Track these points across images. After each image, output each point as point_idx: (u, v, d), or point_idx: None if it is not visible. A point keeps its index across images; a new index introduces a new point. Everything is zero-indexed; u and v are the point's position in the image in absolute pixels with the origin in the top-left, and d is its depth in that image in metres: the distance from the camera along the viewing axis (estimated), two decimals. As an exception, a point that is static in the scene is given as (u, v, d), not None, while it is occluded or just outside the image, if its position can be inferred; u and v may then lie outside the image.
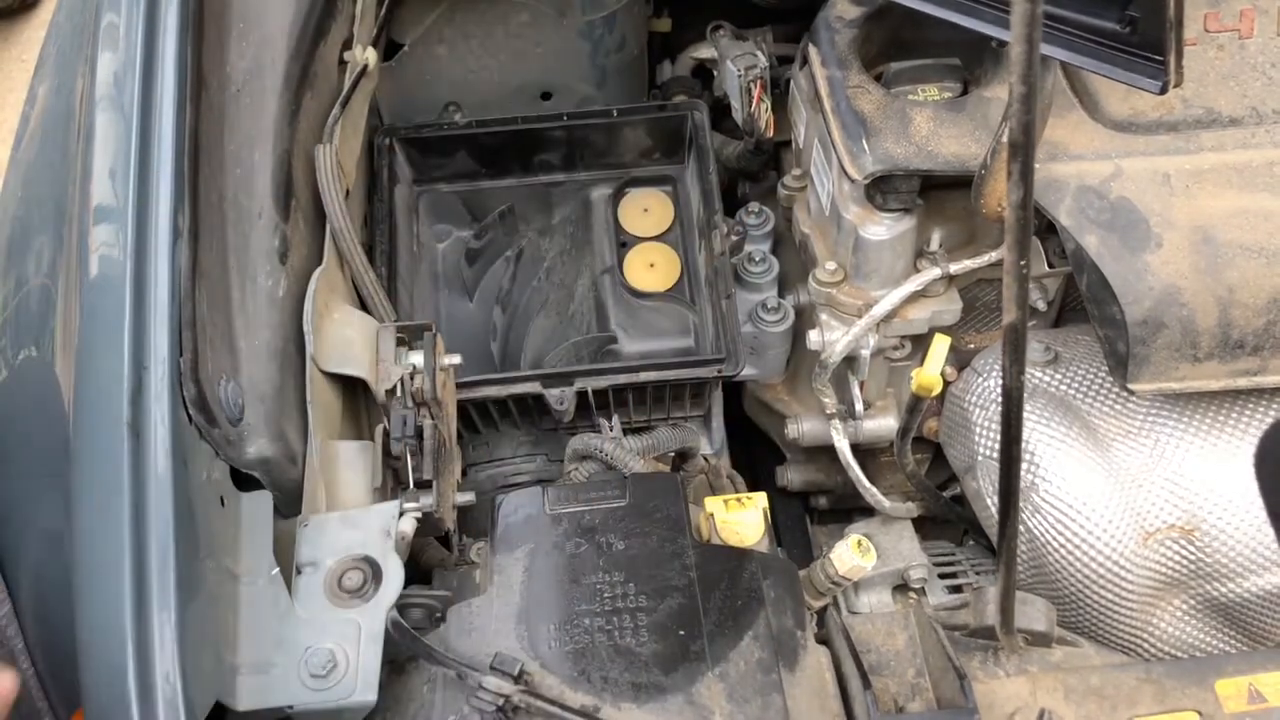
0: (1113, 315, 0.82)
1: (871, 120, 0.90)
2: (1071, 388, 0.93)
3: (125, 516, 0.61)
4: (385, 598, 0.69)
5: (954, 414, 1.00)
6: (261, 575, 0.68)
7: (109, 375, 0.64)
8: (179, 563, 0.60)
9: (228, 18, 0.83)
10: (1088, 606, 0.90)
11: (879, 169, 0.88)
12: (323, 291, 0.85)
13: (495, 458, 1.06)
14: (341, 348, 0.84)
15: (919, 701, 0.77)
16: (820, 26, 0.98)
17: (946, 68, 0.96)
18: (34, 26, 2.73)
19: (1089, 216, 0.83)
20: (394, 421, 0.79)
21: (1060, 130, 0.87)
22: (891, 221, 0.94)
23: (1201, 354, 0.82)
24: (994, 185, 0.83)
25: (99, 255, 0.69)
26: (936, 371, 0.80)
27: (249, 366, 0.75)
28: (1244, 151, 0.86)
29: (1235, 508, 0.86)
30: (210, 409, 0.68)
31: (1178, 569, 0.88)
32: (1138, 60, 0.73)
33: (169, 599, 0.59)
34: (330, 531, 0.73)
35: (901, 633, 0.80)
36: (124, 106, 0.73)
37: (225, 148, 0.79)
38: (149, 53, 0.74)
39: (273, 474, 0.73)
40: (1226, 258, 0.81)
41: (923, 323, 0.97)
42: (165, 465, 0.62)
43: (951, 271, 0.95)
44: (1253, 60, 0.88)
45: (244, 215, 0.80)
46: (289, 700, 0.65)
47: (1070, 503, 0.87)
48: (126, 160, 0.71)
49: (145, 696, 0.57)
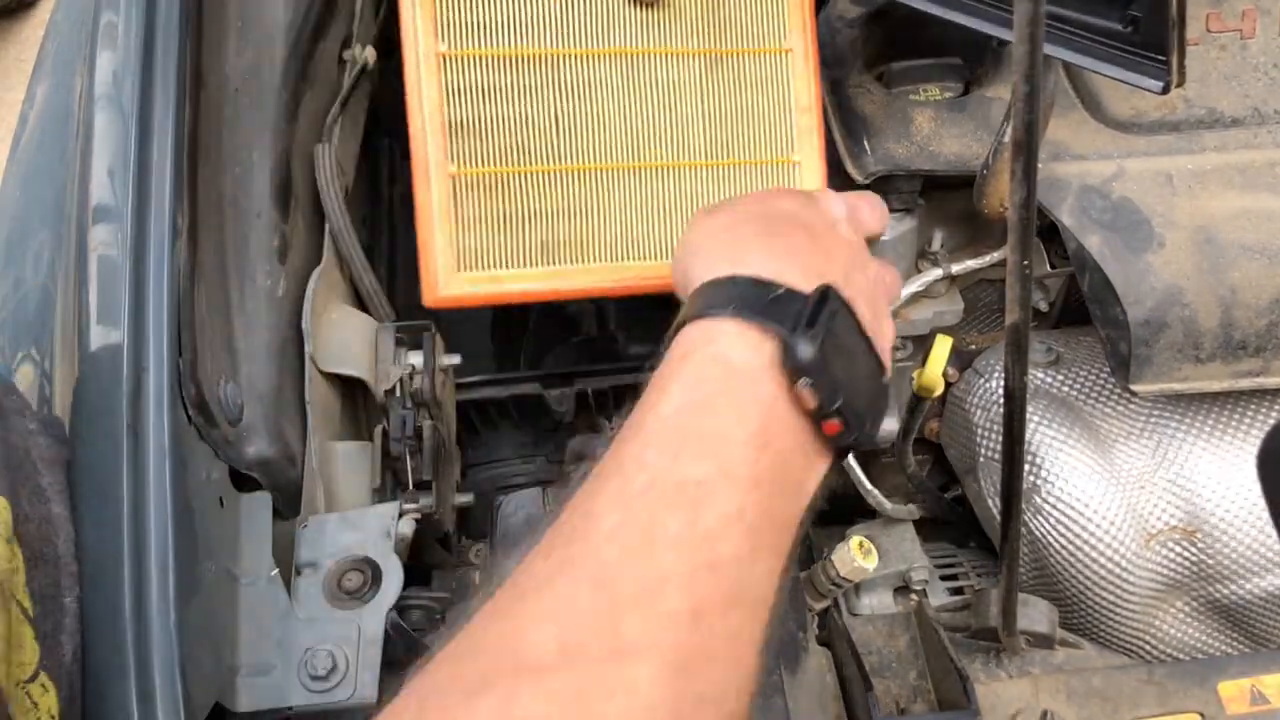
0: (1115, 316, 0.82)
1: (873, 120, 0.90)
2: (1073, 388, 0.93)
3: (124, 517, 0.60)
4: (385, 599, 0.69)
5: (955, 415, 1.00)
6: (261, 576, 0.68)
7: (108, 376, 0.64)
8: (178, 564, 0.60)
9: (226, 17, 0.83)
10: (1089, 608, 0.89)
11: (881, 169, 0.87)
12: (322, 291, 0.85)
13: (495, 458, 1.06)
14: (340, 348, 0.84)
15: (921, 703, 0.77)
16: (821, 26, 0.98)
17: (948, 67, 0.96)
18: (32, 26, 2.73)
19: (1091, 216, 0.83)
20: (393, 422, 0.79)
21: (1062, 130, 0.87)
22: (893, 222, 0.93)
23: (1204, 355, 0.82)
24: (996, 185, 0.83)
25: (98, 255, 0.69)
26: (938, 372, 0.80)
27: (248, 367, 0.75)
28: (1246, 152, 0.86)
29: (1238, 509, 0.86)
30: (210, 409, 0.68)
31: (1180, 570, 0.88)
32: (1140, 60, 0.73)
33: (168, 600, 0.59)
34: (330, 532, 0.73)
35: (903, 634, 0.80)
36: (123, 106, 0.73)
37: (224, 147, 0.79)
38: (148, 52, 0.74)
39: (272, 474, 0.73)
40: (1229, 258, 0.81)
41: (924, 323, 0.97)
42: (165, 466, 0.62)
43: (953, 272, 0.94)
44: (1255, 60, 0.88)
45: (243, 215, 0.80)
46: (289, 701, 0.65)
47: (1072, 504, 0.87)
48: (125, 160, 0.70)
49: (145, 697, 0.57)
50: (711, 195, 0.85)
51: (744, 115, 0.86)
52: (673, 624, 0.43)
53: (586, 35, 0.84)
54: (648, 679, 0.41)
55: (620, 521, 0.46)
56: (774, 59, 0.86)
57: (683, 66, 0.85)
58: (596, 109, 0.84)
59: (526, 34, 0.83)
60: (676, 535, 0.45)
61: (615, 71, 0.84)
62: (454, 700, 0.41)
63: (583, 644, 0.42)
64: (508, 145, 0.83)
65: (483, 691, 0.40)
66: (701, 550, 0.45)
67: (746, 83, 0.86)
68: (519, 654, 0.42)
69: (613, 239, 0.83)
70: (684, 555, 0.45)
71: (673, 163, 0.85)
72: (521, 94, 0.82)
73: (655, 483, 0.47)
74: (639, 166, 0.84)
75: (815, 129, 0.86)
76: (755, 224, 0.60)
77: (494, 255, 0.81)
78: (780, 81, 0.86)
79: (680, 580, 0.44)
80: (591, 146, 0.83)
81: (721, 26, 0.85)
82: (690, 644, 0.43)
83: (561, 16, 0.83)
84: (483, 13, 0.82)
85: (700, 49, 0.85)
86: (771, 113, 0.86)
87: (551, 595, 0.44)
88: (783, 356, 0.50)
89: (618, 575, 0.44)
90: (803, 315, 0.51)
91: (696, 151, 0.85)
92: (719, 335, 0.52)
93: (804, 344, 0.50)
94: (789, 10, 0.86)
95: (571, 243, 0.82)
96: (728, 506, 0.46)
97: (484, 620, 0.45)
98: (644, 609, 0.43)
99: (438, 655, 0.44)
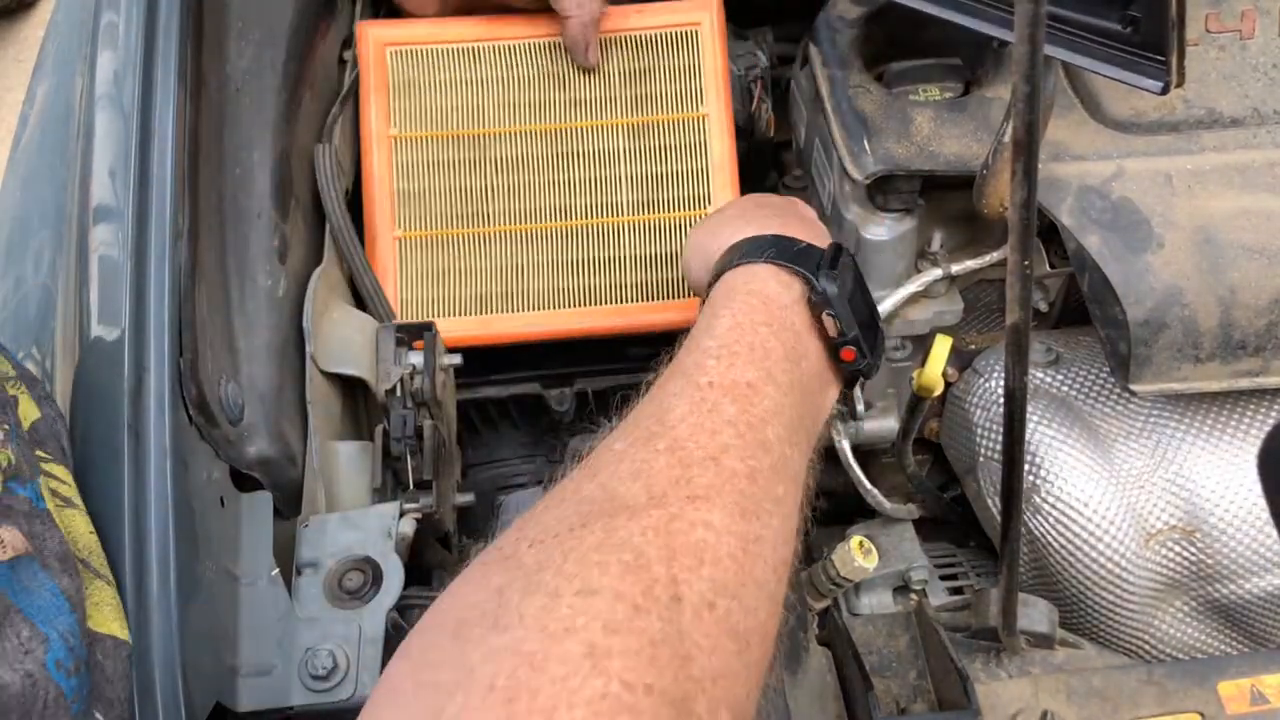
0: (1114, 315, 0.82)
1: (873, 120, 0.90)
2: (1073, 388, 0.93)
3: (125, 517, 0.60)
4: (386, 599, 0.69)
5: (955, 415, 1.00)
6: (261, 576, 0.68)
7: (109, 376, 0.64)
8: (179, 564, 0.60)
9: (227, 17, 0.83)
10: (1089, 608, 0.89)
11: (881, 169, 0.87)
12: (322, 291, 0.85)
13: (495, 458, 1.06)
14: (341, 348, 0.84)
15: (921, 703, 0.77)
16: (821, 26, 0.98)
17: (948, 68, 0.96)
18: (32, 26, 2.73)
19: (1090, 217, 0.83)
20: (394, 422, 0.79)
21: (1061, 130, 0.87)
22: (893, 222, 0.93)
23: (1203, 354, 0.82)
24: (996, 185, 0.83)
25: (99, 255, 0.69)
26: (938, 372, 0.80)
27: (248, 366, 0.75)
28: (1245, 152, 0.86)
29: (1237, 509, 0.86)
30: (210, 409, 0.68)
31: (1179, 570, 0.88)
32: (1139, 60, 0.73)
33: (169, 600, 0.59)
34: (330, 532, 0.73)
35: (903, 634, 0.80)
36: (124, 106, 0.73)
37: (225, 147, 0.79)
38: (149, 52, 0.74)
39: (273, 474, 0.73)
40: (1228, 258, 0.81)
41: (924, 323, 0.97)
42: (165, 466, 0.62)
43: (953, 272, 0.95)
44: (1254, 61, 0.88)
45: (243, 215, 0.80)
46: (290, 701, 0.65)
47: (1071, 504, 0.87)
48: (126, 160, 0.70)
49: (145, 697, 0.57)
50: (636, 247, 0.94)
51: (665, 175, 0.95)
52: (733, 481, 0.52)
53: (520, 116, 0.95)
54: (719, 519, 0.50)
55: (688, 409, 0.56)
56: (692, 123, 0.96)
57: (609, 136, 0.95)
58: (528, 178, 0.95)
59: (466, 118, 0.95)
60: (733, 418, 0.55)
61: (547, 145, 0.95)
62: (561, 532, 0.49)
63: (665, 493, 0.51)
64: (446, 211, 0.94)
65: (587, 525, 0.49)
66: (754, 430, 0.55)
67: (667, 146, 0.96)
68: (613, 500, 0.50)
69: (542, 289, 0.92)
70: (740, 433, 0.55)
71: (599, 220, 0.95)
72: (460, 167, 0.94)
73: (715, 382, 0.57)
74: (567, 225, 0.94)
75: (731, 183, 0.95)
76: (763, 209, 0.74)
77: (433, 306, 0.92)
78: (698, 143, 0.96)
79: (738, 450, 0.54)
80: (523, 210, 0.94)
81: (644, 98, 0.96)
82: (748, 496, 0.52)
83: (499, 102, 0.95)
84: (429, 101, 0.95)
85: (625, 119, 0.96)
86: (690, 171, 0.95)
87: (632, 460, 0.53)
88: (810, 293, 0.63)
89: (688, 445, 0.53)
90: (823, 262, 0.64)
91: (621, 209, 0.95)
92: (756, 276, 0.64)
93: (828, 283, 0.63)
94: (705, 79, 0.96)
95: (504, 294, 0.92)
96: (771, 403, 0.57)
97: (574, 484, 0.53)
98: (711, 469, 0.52)
99: (526, 515, 0.53)
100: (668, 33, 0.97)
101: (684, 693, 0.44)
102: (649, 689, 0.42)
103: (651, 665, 0.43)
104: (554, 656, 0.42)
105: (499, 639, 0.44)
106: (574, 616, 0.44)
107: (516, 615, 0.45)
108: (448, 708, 0.42)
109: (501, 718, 0.41)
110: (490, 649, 0.44)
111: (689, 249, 0.77)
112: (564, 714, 0.40)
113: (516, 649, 0.43)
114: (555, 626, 0.43)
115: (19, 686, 0.46)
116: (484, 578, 0.49)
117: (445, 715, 0.42)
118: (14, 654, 0.47)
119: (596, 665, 0.42)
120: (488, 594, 0.47)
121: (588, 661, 0.42)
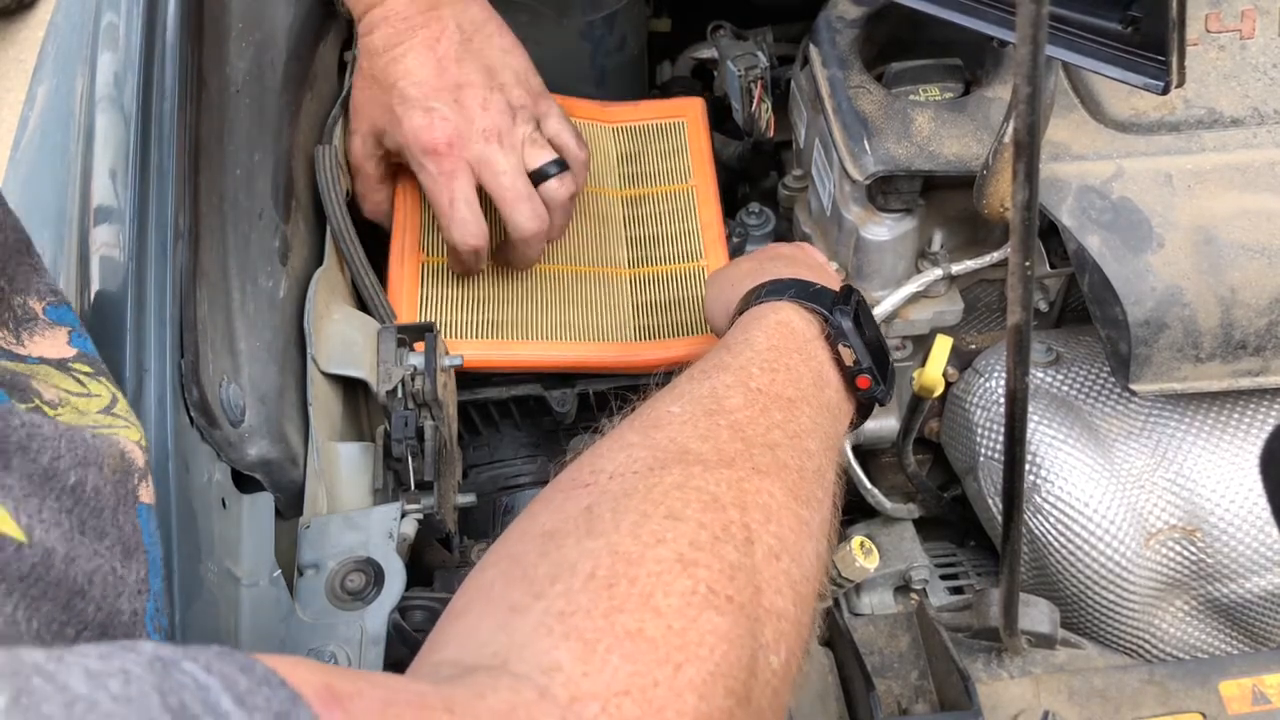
0: (1115, 315, 0.82)
1: (873, 120, 0.90)
2: (1073, 388, 0.93)
3: (126, 519, 0.60)
4: (387, 600, 0.69)
5: (955, 415, 1.00)
6: (263, 577, 0.68)
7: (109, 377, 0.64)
8: (181, 565, 0.60)
9: (227, 18, 0.83)
10: (1090, 608, 0.90)
11: (881, 169, 0.88)
12: (323, 292, 0.85)
13: (496, 459, 1.06)
14: (342, 349, 0.84)
15: (923, 703, 0.77)
16: (821, 26, 0.98)
17: (948, 68, 0.96)
18: (32, 27, 2.72)
19: (1091, 217, 0.83)
20: (395, 423, 0.79)
21: (1062, 131, 0.87)
22: (893, 222, 0.94)
23: (1204, 354, 0.82)
24: (996, 185, 0.83)
25: (99, 256, 0.69)
26: (938, 372, 0.80)
27: (250, 368, 0.75)
28: (1246, 152, 0.86)
29: (1237, 508, 0.86)
30: (212, 411, 0.68)
31: (1180, 570, 0.88)
32: (1140, 60, 0.73)
33: (171, 601, 0.59)
34: (332, 533, 0.73)
35: (905, 634, 0.80)
36: (124, 107, 0.73)
37: (225, 148, 0.79)
38: (149, 53, 0.74)
39: (274, 476, 0.73)
40: (1229, 258, 0.81)
41: (924, 323, 0.97)
42: (167, 468, 0.62)
43: (953, 272, 0.95)
44: (1254, 61, 0.88)
45: (244, 216, 0.80)
46: (291, 703, 0.65)
47: (1072, 504, 0.87)
48: (127, 161, 0.70)
49: (147, 699, 0.57)
50: (633, 295, 1.03)
51: (659, 236, 1.07)
52: (784, 470, 0.56)
53: None
54: (780, 494, 0.55)
55: (743, 403, 0.59)
56: (682, 193, 1.09)
57: (610, 204, 1.08)
58: None
59: None
60: (780, 423, 0.59)
61: None
62: (640, 470, 0.53)
63: (734, 459, 0.54)
64: None
65: (665, 467, 0.53)
66: (799, 439, 0.60)
67: (660, 213, 1.08)
68: (687, 453, 0.54)
69: (549, 323, 0.99)
70: (788, 436, 0.59)
71: (602, 269, 1.04)
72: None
73: (764, 389, 0.61)
74: (575, 270, 1.02)
75: (718, 239, 1.04)
76: (778, 261, 0.80)
77: (449, 330, 0.96)
78: (688, 210, 1.07)
79: (787, 447, 0.58)
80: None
81: (639, 175, 1.11)
82: (797, 485, 0.57)
83: None
84: None
85: (623, 192, 1.10)
86: (681, 232, 1.06)
87: (697, 426, 0.56)
88: (827, 328, 0.68)
89: (748, 428, 0.57)
90: (837, 301, 0.69)
91: (621, 263, 1.05)
92: (781, 310, 0.69)
93: (843, 317, 0.68)
94: (691, 158, 1.10)
95: (514, 323, 0.98)
96: (809, 420, 0.62)
97: (639, 433, 0.57)
98: (769, 455, 0.56)
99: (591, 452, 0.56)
100: (659, 124, 1.14)
101: (756, 615, 0.48)
102: (730, 599, 0.47)
103: (731, 582, 0.48)
104: (649, 557, 0.47)
105: (594, 542, 0.48)
106: (663, 531, 0.48)
107: (611, 525, 0.49)
108: (548, 592, 0.46)
109: (604, 599, 0.45)
110: (586, 549, 0.48)
111: (710, 300, 0.83)
112: (660, 600, 0.45)
113: (613, 549, 0.47)
114: (648, 536, 0.48)
115: (127, 618, 0.46)
116: (565, 501, 0.52)
117: (546, 598, 0.45)
118: (134, 588, 0.47)
119: (686, 570, 0.47)
120: (576, 511, 0.51)
121: (679, 565, 0.47)
